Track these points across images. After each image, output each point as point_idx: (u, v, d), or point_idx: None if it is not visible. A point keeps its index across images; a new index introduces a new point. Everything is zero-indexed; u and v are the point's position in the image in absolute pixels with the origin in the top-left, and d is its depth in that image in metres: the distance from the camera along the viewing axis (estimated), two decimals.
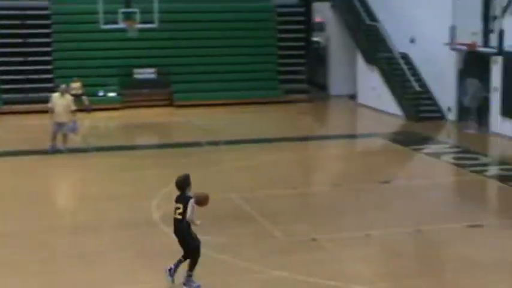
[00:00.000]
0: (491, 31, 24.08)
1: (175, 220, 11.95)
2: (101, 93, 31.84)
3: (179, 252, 11.94)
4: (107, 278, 12.77)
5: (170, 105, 32.31)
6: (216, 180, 19.18)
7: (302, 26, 35.44)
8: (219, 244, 13.94)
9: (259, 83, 33.48)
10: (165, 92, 32.79)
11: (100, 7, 28.25)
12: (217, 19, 34.01)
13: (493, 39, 23.31)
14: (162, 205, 16.70)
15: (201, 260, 13.24)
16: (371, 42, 31.87)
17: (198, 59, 33.31)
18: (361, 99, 32.93)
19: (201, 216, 14.15)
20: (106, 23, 28.71)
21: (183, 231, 11.91)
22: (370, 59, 31.83)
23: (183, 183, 11.97)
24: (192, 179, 12.06)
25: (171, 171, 20.08)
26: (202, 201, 11.99)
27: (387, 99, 30.32)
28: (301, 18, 35.49)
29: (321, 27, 37.13)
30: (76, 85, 29.76)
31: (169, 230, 14.88)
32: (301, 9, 35.64)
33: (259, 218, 15.87)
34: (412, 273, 12.94)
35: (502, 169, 21.12)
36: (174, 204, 12.03)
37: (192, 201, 11.79)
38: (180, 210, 11.83)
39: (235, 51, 33.76)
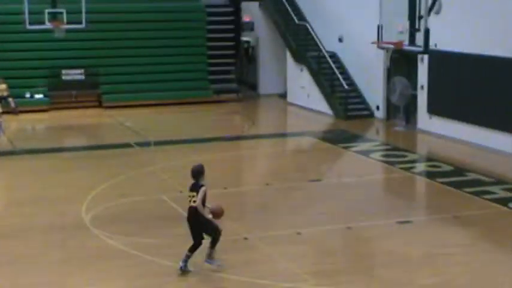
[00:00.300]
0: (417, 30, 24.46)
1: (192, 207, 12.45)
2: (27, 95, 31.28)
3: (109, 255, 11.80)
4: (36, 282, 12.56)
5: (99, 106, 31.95)
6: (147, 181, 19.03)
7: (231, 26, 35.46)
8: (151, 245, 13.84)
9: (189, 83, 33.36)
10: (93, 93, 32.40)
11: (25, 7, 27.72)
12: (146, 19, 33.74)
13: (419, 38, 23.69)
14: (91, 207, 16.51)
15: (133, 262, 13.15)
16: (300, 41, 32.06)
17: (127, 59, 33.00)
18: (290, 98, 33.09)
19: (143, 217, 14.09)
20: (32, 23, 28.17)
21: (201, 216, 12.41)
22: (299, 58, 32.02)
23: (197, 172, 12.56)
24: (124, 181, 11.99)
25: (101, 173, 19.95)
26: (219, 214, 12.65)
27: (316, 98, 30.55)
28: (230, 18, 35.51)
29: (250, 26, 37.20)
30: (1, 87, 29.17)
31: (99, 232, 14.82)
32: (230, 9, 35.66)
33: None
34: (344, 270, 13.06)
35: (429, 166, 21.47)
36: (188, 193, 12.56)
37: (203, 188, 12.42)
38: (195, 198, 12.43)
39: (165, 51, 33.57)
